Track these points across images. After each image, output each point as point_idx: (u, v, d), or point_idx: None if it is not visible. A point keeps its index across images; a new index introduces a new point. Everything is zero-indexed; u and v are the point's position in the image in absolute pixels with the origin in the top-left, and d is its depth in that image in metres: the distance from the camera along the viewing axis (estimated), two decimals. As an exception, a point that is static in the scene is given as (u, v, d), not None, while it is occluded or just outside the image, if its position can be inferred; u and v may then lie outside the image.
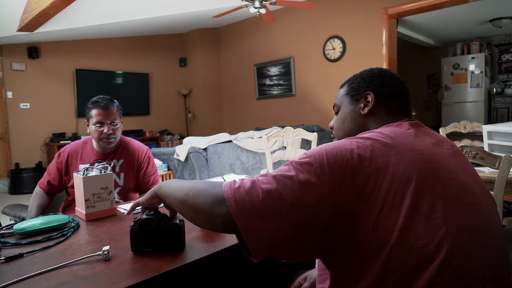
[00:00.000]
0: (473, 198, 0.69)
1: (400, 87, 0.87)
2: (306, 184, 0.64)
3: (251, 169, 3.87)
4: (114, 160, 1.73)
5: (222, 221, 0.66)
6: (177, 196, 0.78)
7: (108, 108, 1.66)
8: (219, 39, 6.95)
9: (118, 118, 1.70)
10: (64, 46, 5.71)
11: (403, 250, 0.61)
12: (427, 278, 0.59)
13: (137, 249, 0.94)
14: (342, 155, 0.66)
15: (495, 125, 2.05)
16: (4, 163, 5.37)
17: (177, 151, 3.86)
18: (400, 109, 0.85)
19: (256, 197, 0.64)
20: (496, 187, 1.49)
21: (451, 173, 0.69)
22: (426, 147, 0.71)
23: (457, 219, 0.64)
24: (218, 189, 0.69)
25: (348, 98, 0.89)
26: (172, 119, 7.06)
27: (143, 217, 0.93)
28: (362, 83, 0.87)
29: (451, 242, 0.61)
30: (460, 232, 0.63)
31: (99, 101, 1.67)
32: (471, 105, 7.28)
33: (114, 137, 1.68)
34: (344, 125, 0.88)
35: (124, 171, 1.74)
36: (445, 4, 4.27)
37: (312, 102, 5.57)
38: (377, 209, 0.63)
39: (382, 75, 0.87)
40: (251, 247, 0.64)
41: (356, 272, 0.65)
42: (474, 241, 0.64)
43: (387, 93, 0.85)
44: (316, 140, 2.68)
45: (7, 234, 1.10)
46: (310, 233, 0.65)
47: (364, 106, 0.86)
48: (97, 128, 1.65)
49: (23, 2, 3.82)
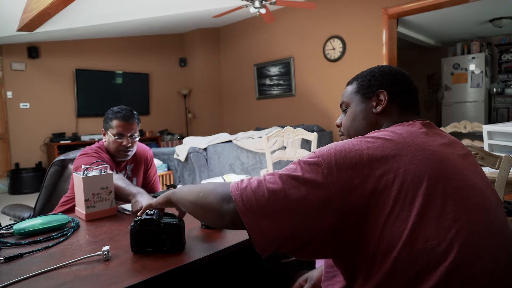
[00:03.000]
0: (484, 200, 0.68)
1: (411, 85, 0.86)
2: (312, 184, 0.64)
3: (251, 169, 3.86)
4: (127, 166, 1.73)
5: (230, 219, 0.69)
6: (188, 198, 0.82)
7: (130, 120, 1.62)
8: (219, 39, 6.95)
9: (137, 131, 1.67)
10: (64, 46, 5.71)
11: (412, 251, 0.60)
12: (435, 279, 0.59)
13: (137, 249, 0.94)
14: (351, 156, 0.66)
15: (495, 125, 2.05)
16: (4, 163, 5.37)
17: (177, 151, 3.86)
18: (411, 108, 0.85)
19: (262, 197, 0.65)
20: (496, 187, 1.48)
21: (462, 174, 0.69)
22: (438, 147, 0.70)
23: (467, 221, 0.63)
24: (226, 188, 0.72)
25: (358, 96, 0.87)
26: (172, 119, 7.06)
27: (143, 217, 0.93)
28: (374, 81, 0.86)
29: (461, 243, 0.61)
30: (470, 234, 0.62)
31: (121, 112, 1.61)
32: (471, 105, 7.27)
33: (131, 150, 1.65)
34: (355, 124, 0.87)
35: (135, 175, 1.75)
36: (445, 4, 4.27)
37: (312, 102, 5.57)
38: (387, 209, 0.62)
39: (393, 73, 0.86)
40: (257, 244, 0.66)
41: (365, 272, 0.65)
42: (483, 243, 0.63)
43: (399, 92, 0.84)
44: (316, 140, 2.68)
45: (7, 234, 1.10)
46: (316, 232, 0.65)
47: (377, 104, 0.84)
48: (116, 139, 1.61)
49: (23, 2, 3.82)
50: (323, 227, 0.64)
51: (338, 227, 0.64)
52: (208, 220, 0.81)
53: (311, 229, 0.64)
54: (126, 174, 1.73)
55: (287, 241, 0.65)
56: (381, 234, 0.62)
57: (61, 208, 1.63)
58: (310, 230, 0.64)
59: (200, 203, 0.77)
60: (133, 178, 1.74)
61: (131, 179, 1.72)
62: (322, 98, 5.40)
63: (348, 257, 0.68)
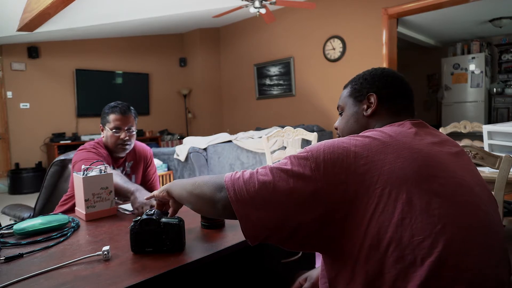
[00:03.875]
0: (472, 197, 0.69)
1: (404, 87, 0.87)
2: (299, 177, 0.67)
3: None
4: (126, 163, 1.74)
5: (222, 207, 0.74)
6: (186, 188, 0.87)
7: (126, 113, 1.65)
8: (219, 39, 6.95)
9: (135, 125, 1.69)
10: (64, 46, 5.71)
11: (398, 246, 0.62)
12: (423, 274, 0.59)
13: (137, 249, 0.94)
14: (338, 152, 0.68)
15: (495, 125, 2.05)
16: (4, 163, 5.37)
17: (177, 151, 3.86)
18: (403, 110, 0.86)
19: (252, 187, 0.70)
20: (496, 187, 1.48)
21: (450, 171, 0.70)
22: (425, 146, 0.72)
23: (454, 216, 0.64)
24: (220, 178, 0.76)
25: (351, 99, 0.90)
26: (172, 119, 7.06)
27: (143, 217, 0.93)
28: (365, 84, 0.88)
29: (447, 239, 0.62)
30: (456, 229, 0.63)
31: (118, 106, 1.65)
32: (471, 105, 7.28)
33: (129, 144, 1.67)
34: (348, 126, 0.90)
35: (134, 172, 1.76)
36: (445, 4, 4.27)
37: (312, 102, 5.57)
38: (372, 205, 0.64)
39: (384, 76, 0.87)
40: (246, 232, 0.70)
41: (352, 267, 0.66)
42: (471, 239, 0.64)
43: (390, 94, 0.85)
44: (316, 140, 2.68)
45: (7, 234, 1.10)
46: (302, 224, 0.67)
47: (367, 107, 0.86)
48: (114, 133, 1.63)
49: (23, 2, 3.82)
50: (308, 219, 0.67)
51: (324, 221, 0.67)
52: (202, 209, 0.85)
53: (297, 220, 0.67)
54: (125, 170, 1.74)
55: (274, 230, 0.69)
56: (367, 230, 0.64)
57: (61, 208, 1.63)
58: (296, 221, 0.67)
59: (195, 193, 0.82)
60: (132, 175, 1.75)
61: (130, 176, 1.73)
62: (322, 98, 5.40)
63: (334, 251, 0.69)
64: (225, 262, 1.09)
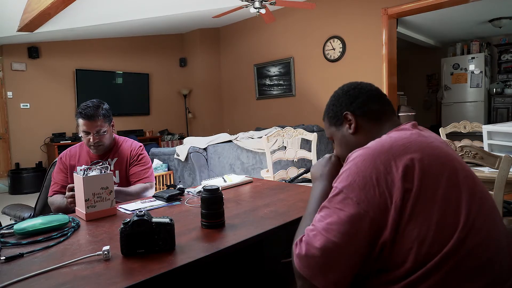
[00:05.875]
0: (483, 188, 0.76)
1: (370, 92, 0.91)
2: (352, 219, 0.68)
3: (251, 169, 3.87)
4: (109, 160, 1.78)
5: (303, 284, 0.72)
6: None
7: (92, 118, 1.66)
8: (219, 39, 6.95)
9: (105, 125, 1.70)
10: (64, 46, 5.72)
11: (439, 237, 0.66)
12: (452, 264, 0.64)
13: (128, 251, 0.91)
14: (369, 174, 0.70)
15: (495, 125, 2.06)
16: (4, 163, 5.37)
17: (177, 151, 3.86)
18: (381, 112, 0.89)
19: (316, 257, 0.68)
20: (496, 187, 1.49)
21: (464, 165, 0.76)
22: (440, 143, 0.77)
23: (476, 206, 0.70)
24: None
25: (333, 127, 0.95)
26: (172, 119, 7.06)
27: (134, 218, 0.92)
28: (336, 108, 0.93)
29: (475, 229, 0.67)
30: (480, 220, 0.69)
31: (83, 112, 1.66)
32: (471, 105, 7.27)
33: (101, 145, 1.71)
34: (343, 150, 0.94)
35: (118, 168, 1.79)
36: (445, 4, 4.27)
37: (312, 102, 5.57)
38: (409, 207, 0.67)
39: (345, 92, 0.92)
40: None
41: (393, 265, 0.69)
42: (489, 228, 0.70)
43: (360, 104, 0.89)
44: (316, 140, 2.68)
45: (7, 234, 1.10)
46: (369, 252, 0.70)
47: (349, 125, 0.90)
48: (84, 136, 1.70)
49: (23, 2, 3.82)
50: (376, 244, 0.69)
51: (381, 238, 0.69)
52: None
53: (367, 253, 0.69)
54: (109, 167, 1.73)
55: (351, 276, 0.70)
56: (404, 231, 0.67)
57: None
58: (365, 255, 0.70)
59: None
60: (116, 171, 1.78)
61: (114, 172, 1.76)
62: (322, 98, 5.40)
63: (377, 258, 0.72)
64: (225, 262, 1.09)
